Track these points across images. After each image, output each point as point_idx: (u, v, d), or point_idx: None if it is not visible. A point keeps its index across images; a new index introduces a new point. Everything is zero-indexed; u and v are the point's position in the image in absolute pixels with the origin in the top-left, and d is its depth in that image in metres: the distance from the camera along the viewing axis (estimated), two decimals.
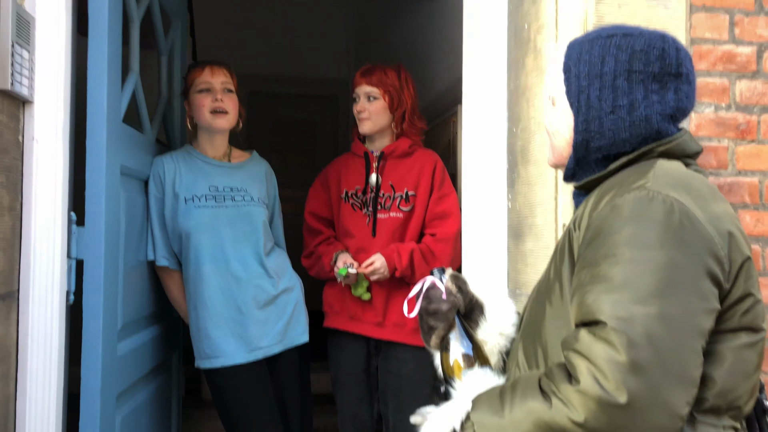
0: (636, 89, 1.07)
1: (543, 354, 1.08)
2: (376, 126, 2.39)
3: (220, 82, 2.22)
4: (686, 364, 0.89)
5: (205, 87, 2.21)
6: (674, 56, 1.09)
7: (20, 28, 1.53)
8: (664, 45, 1.09)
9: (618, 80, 1.07)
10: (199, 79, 2.22)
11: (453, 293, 1.22)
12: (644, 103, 1.07)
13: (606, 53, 1.09)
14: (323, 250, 2.42)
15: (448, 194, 2.37)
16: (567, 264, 1.06)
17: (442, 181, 2.38)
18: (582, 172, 1.16)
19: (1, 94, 1.50)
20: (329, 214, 2.49)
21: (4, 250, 1.53)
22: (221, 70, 2.25)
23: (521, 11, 1.79)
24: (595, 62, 1.09)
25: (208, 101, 2.20)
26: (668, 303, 0.90)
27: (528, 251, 1.74)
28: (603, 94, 1.08)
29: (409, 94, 2.41)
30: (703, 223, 0.95)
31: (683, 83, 1.09)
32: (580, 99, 1.10)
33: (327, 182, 2.51)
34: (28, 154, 1.61)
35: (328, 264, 2.36)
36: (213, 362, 2.15)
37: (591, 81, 1.09)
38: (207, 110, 2.20)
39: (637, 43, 1.08)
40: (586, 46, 1.11)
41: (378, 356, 2.41)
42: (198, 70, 2.24)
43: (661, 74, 1.07)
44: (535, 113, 1.70)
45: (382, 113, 2.39)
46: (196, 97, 2.22)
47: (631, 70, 1.07)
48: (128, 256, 1.98)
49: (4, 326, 1.53)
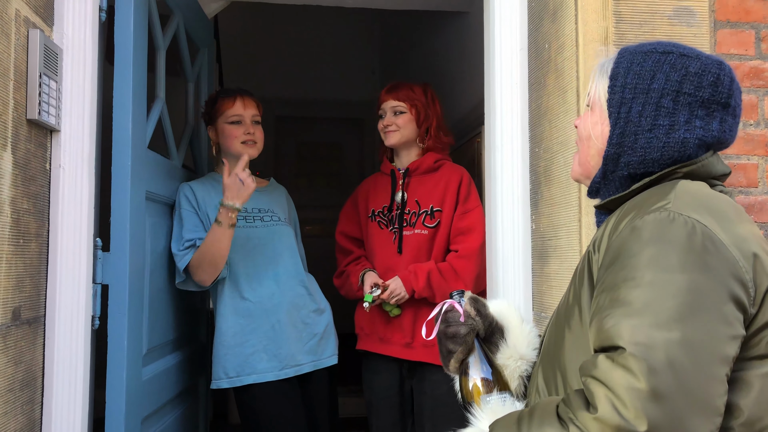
0: (680, 111, 1.04)
1: (562, 379, 1.05)
2: (402, 138, 2.40)
3: (251, 114, 2.28)
4: (709, 392, 0.86)
5: (237, 119, 2.26)
6: (728, 86, 1.06)
7: (48, 60, 1.57)
8: (720, 72, 1.05)
9: (664, 99, 1.04)
10: (231, 111, 2.26)
11: (472, 316, 1.19)
12: (685, 126, 1.04)
13: (658, 69, 1.06)
14: (351, 270, 2.43)
15: (473, 209, 2.34)
16: (586, 287, 1.04)
17: (467, 195, 2.36)
18: (606, 188, 1.13)
19: (29, 123, 1.53)
20: (359, 234, 2.50)
21: (31, 275, 1.55)
22: (251, 103, 2.30)
23: (541, 30, 1.78)
24: (645, 76, 1.06)
25: (240, 132, 2.25)
26: (690, 328, 0.87)
27: (552, 273, 1.71)
28: (645, 111, 1.05)
29: (435, 111, 2.42)
30: (726, 246, 0.92)
31: (729, 115, 1.06)
32: (621, 110, 1.07)
33: (357, 202, 2.53)
34: (55, 181, 1.65)
35: (356, 283, 2.37)
36: (243, 379, 2.16)
37: (636, 95, 1.06)
38: (239, 141, 2.25)
39: (693, 65, 1.05)
40: (639, 57, 1.08)
41: (412, 378, 2.40)
42: (229, 101, 2.27)
43: (710, 101, 1.04)
44: (558, 133, 1.68)
45: (408, 125, 2.40)
46: (226, 127, 2.26)
47: (680, 91, 1.04)
48: (153, 281, 2.01)
49: (30, 351, 1.55)
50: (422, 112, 2.39)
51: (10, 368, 1.45)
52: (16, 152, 1.48)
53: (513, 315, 1.27)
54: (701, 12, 1.57)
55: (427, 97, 2.42)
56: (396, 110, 2.40)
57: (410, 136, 2.41)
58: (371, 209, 2.46)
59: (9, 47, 1.45)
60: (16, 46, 1.48)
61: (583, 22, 1.58)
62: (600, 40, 1.56)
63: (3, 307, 1.43)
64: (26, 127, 1.52)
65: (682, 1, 1.57)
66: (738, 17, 1.60)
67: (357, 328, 2.46)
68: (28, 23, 1.53)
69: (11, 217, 1.46)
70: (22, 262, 1.51)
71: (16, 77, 1.48)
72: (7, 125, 1.44)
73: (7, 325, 1.44)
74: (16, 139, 1.48)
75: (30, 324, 1.55)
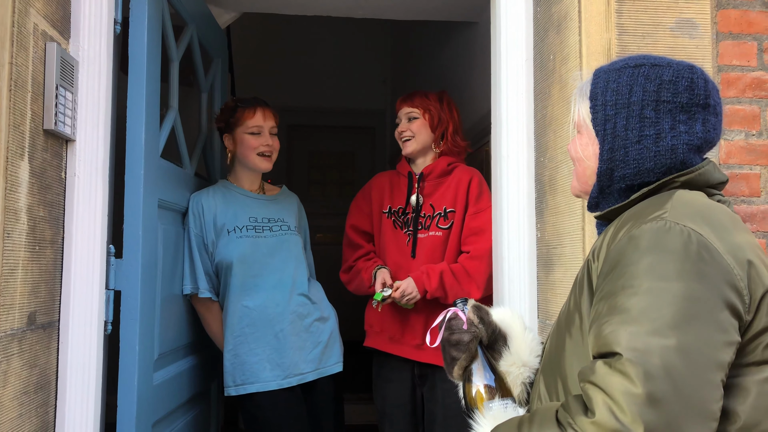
0: (663, 119, 1.07)
1: (563, 386, 1.07)
2: (419, 145, 2.42)
3: (270, 126, 2.32)
4: (705, 398, 0.87)
5: (257, 131, 2.30)
6: (703, 87, 1.08)
7: (64, 71, 1.62)
8: (693, 76, 1.08)
9: (645, 110, 1.07)
10: (252, 122, 2.29)
11: (475, 324, 1.21)
12: (671, 133, 1.06)
13: (634, 83, 1.09)
14: (362, 266, 2.43)
15: (484, 209, 2.34)
16: (586, 295, 1.06)
17: (478, 195, 2.37)
18: (605, 201, 1.15)
19: (45, 133, 1.58)
20: (370, 228, 2.51)
21: (46, 281, 1.60)
22: (271, 114, 2.34)
23: (546, 42, 1.80)
24: (622, 91, 1.09)
25: (258, 144, 2.29)
26: (686, 335, 0.89)
27: (557, 281, 1.73)
28: (630, 124, 1.08)
29: (450, 116, 2.44)
30: (721, 254, 0.94)
31: (711, 115, 1.09)
32: (606, 127, 1.11)
33: (370, 196, 2.53)
34: (70, 189, 1.69)
35: (368, 280, 2.37)
36: (247, 388, 2.18)
37: (618, 110, 1.09)
38: (255, 152, 2.29)
39: (666, 73, 1.08)
40: (613, 74, 1.12)
41: (423, 385, 2.40)
42: (250, 111, 2.31)
43: (690, 105, 1.07)
44: (562, 143, 1.70)
45: (423, 131, 2.42)
46: (246, 137, 2.29)
47: (659, 100, 1.07)
48: (165, 287, 2.04)
49: (45, 355, 1.59)
50: (436, 117, 2.41)
51: (25, 371, 1.49)
52: (33, 161, 1.52)
53: (516, 323, 1.28)
54: (703, 24, 1.59)
55: (442, 103, 2.44)
56: (410, 116, 2.44)
57: (426, 142, 2.43)
58: (387, 206, 2.46)
59: (27, 60, 1.49)
60: (34, 59, 1.52)
61: (587, 34, 1.60)
62: (603, 51, 1.58)
63: (19, 311, 1.47)
64: (43, 137, 1.57)
65: (685, 13, 1.59)
66: (740, 29, 1.62)
67: (366, 324, 2.46)
68: (46, 36, 1.57)
69: (28, 224, 1.50)
70: (38, 268, 1.55)
71: (34, 89, 1.53)
72: (25, 135, 1.49)
73: (23, 330, 1.48)
74: (33, 148, 1.52)
75: (45, 328, 1.59)
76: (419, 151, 2.44)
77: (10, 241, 1.43)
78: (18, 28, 1.45)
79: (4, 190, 1.40)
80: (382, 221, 2.46)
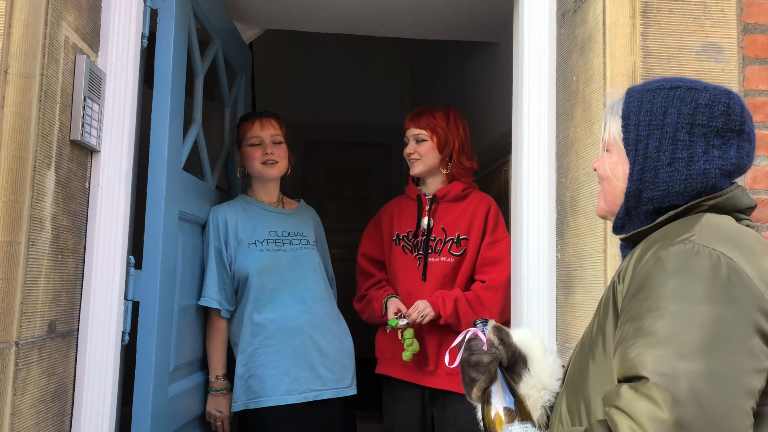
0: (697, 143, 1.06)
1: (586, 409, 1.05)
2: (426, 166, 2.42)
3: (269, 135, 2.32)
4: (734, 425, 0.86)
5: (257, 141, 2.31)
6: (739, 113, 1.08)
7: (92, 83, 1.64)
8: (730, 101, 1.08)
9: (679, 133, 1.06)
10: (250, 134, 2.32)
11: (495, 345, 1.20)
12: (704, 157, 1.05)
13: (669, 104, 1.08)
14: (374, 295, 2.42)
15: (501, 239, 2.34)
16: (611, 318, 1.04)
17: (495, 225, 2.37)
18: (630, 223, 1.14)
19: (72, 144, 1.60)
20: (382, 257, 2.51)
21: (67, 290, 1.61)
22: (270, 123, 2.34)
23: (570, 63, 1.81)
24: (656, 112, 1.08)
25: (259, 154, 2.30)
26: (715, 360, 0.87)
27: (577, 304, 1.71)
28: (662, 146, 1.07)
29: (457, 135, 2.42)
30: (752, 278, 0.92)
31: (745, 141, 1.08)
32: (638, 148, 1.10)
33: (380, 224, 2.53)
34: (93, 200, 1.70)
35: (379, 309, 2.37)
36: (260, 402, 2.17)
37: (651, 131, 1.08)
38: (258, 162, 2.30)
39: (702, 97, 1.07)
40: (648, 95, 1.11)
41: (434, 406, 2.38)
42: (248, 124, 2.34)
43: (725, 130, 1.06)
44: (584, 164, 1.70)
45: (430, 153, 2.41)
46: (247, 149, 2.32)
47: (693, 123, 1.06)
48: (183, 299, 2.05)
49: (63, 363, 1.60)
50: (443, 138, 2.41)
51: (43, 379, 1.50)
52: (59, 171, 1.54)
53: (536, 345, 1.27)
54: (730, 48, 1.58)
55: (449, 121, 2.43)
56: (418, 138, 2.43)
57: (433, 164, 2.43)
58: (396, 232, 2.47)
59: (57, 71, 1.52)
60: (64, 71, 1.55)
61: (611, 56, 1.60)
62: (627, 74, 1.58)
63: (40, 319, 1.48)
64: (69, 148, 1.59)
65: (711, 37, 1.58)
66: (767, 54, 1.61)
67: (378, 351, 2.45)
68: (76, 49, 1.60)
69: (52, 233, 1.51)
70: (60, 276, 1.56)
71: (62, 100, 1.55)
72: (52, 145, 1.51)
73: (43, 338, 1.49)
74: (60, 158, 1.54)
75: (64, 337, 1.60)
76: (427, 171, 2.43)
77: (34, 249, 1.44)
78: (50, 40, 1.48)
79: (30, 199, 1.42)
80: (393, 248, 2.46)
